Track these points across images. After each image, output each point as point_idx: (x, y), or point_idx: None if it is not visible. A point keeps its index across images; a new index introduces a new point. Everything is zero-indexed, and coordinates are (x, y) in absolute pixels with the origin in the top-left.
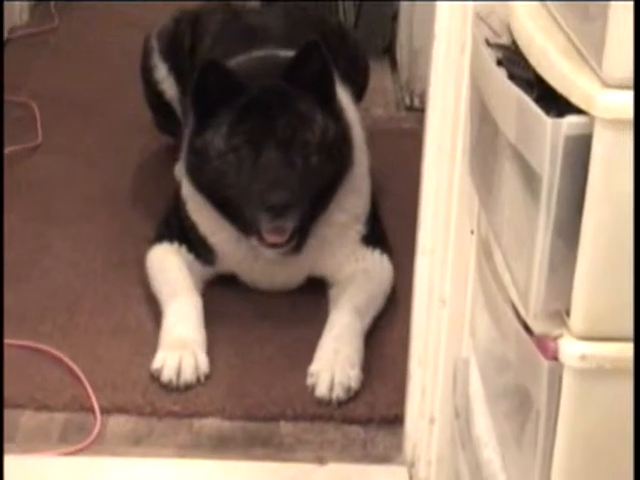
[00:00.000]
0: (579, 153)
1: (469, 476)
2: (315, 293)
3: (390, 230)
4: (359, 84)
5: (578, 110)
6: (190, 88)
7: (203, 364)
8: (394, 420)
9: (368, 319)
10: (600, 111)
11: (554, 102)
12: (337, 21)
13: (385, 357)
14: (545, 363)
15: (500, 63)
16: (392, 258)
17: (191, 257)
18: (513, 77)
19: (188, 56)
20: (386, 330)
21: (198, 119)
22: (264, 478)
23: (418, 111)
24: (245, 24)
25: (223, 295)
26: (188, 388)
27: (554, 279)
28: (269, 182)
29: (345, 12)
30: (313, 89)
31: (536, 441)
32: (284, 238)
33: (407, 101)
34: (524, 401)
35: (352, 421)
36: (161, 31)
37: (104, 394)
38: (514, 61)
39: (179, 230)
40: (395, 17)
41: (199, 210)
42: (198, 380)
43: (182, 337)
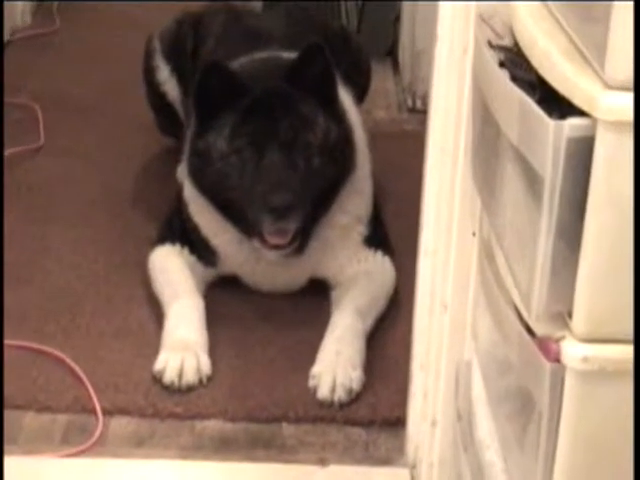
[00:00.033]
0: (581, 155)
1: (471, 478)
2: (317, 295)
3: (392, 232)
4: (361, 86)
5: (580, 112)
6: (192, 90)
7: (205, 366)
8: (396, 422)
9: (370, 321)
10: (602, 113)
11: (556, 104)
12: (339, 23)
13: (387, 359)
14: (547, 365)
15: (502, 65)
16: (394, 260)
17: (193, 259)
18: (515, 79)
19: (190, 58)
20: (388, 332)
21: (200, 121)
22: None
23: (420, 113)
24: (247, 26)
25: (225, 297)
26: (190, 390)
27: (556, 281)
28: (271, 184)
29: (347, 14)
30: (315, 91)
31: (538, 443)
32: (286, 240)
33: (409, 103)
34: (526, 403)
35: (354, 423)
36: (163, 32)
37: (106, 395)
38: (516, 63)
39: (181, 232)
40: (397, 19)
41: (201, 212)
42: (200, 382)
43: (184, 339)
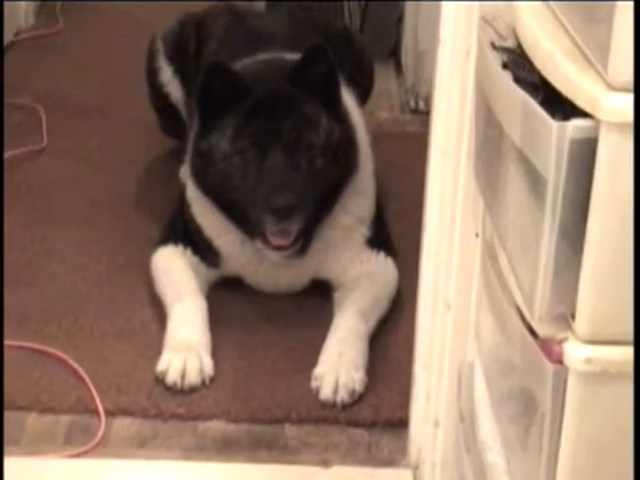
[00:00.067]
0: (584, 156)
1: (474, 479)
2: (320, 296)
3: (395, 233)
4: (364, 87)
5: (584, 113)
6: (195, 91)
7: (208, 367)
8: (399, 423)
9: (373, 322)
10: (605, 114)
11: (559, 105)
12: (342, 24)
13: (390, 360)
14: (550, 366)
15: (505, 66)
16: (397, 261)
17: (196, 260)
18: (518, 80)
19: (193, 59)
20: (391, 333)
21: (203, 122)
22: None
23: (423, 114)
24: (250, 27)
25: (228, 298)
26: (193, 390)
27: (559, 282)
28: (274, 185)
29: (350, 15)
30: (318, 92)
31: (541, 444)
32: (289, 241)
33: (412, 104)
34: (529, 404)
35: (357, 424)
36: (166, 33)
37: (109, 396)
38: (519, 64)
39: (184, 233)
40: (400, 20)
41: (204, 213)
42: (203, 382)
43: (187, 340)
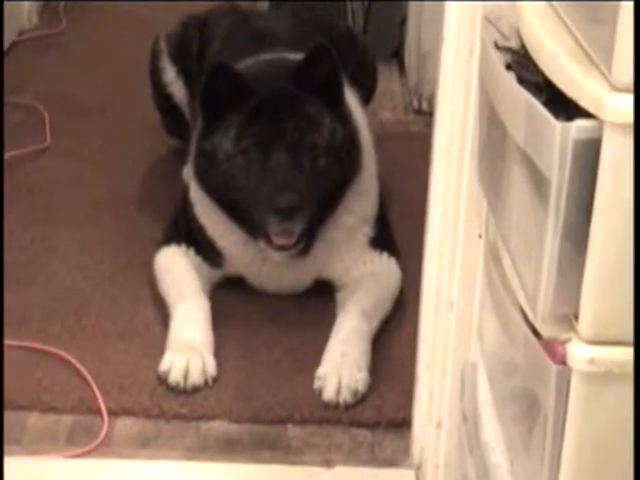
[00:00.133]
0: (588, 157)
1: None
2: (322, 296)
3: (398, 233)
4: (367, 87)
5: (587, 114)
6: (199, 91)
7: (211, 367)
8: (402, 423)
9: (376, 322)
10: (609, 115)
11: (563, 106)
12: (345, 24)
13: (393, 360)
14: (553, 367)
15: (509, 67)
16: (400, 261)
17: (199, 260)
18: (522, 81)
19: (196, 59)
20: (394, 333)
21: (206, 122)
22: None
23: (426, 115)
24: (253, 27)
25: (231, 298)
26: (195, 391)
27: (562, 283)
28: (277, 185)
29: (353, 15)
30: (321, 92)
31: (544, 445)
32: (292, 241)
33: (415, 104)
34: (532, 405)
35: (360, 424)
36: (169, 34)
37: (111, 396)
38: (523, 65)
39: (187, 233)
40: (404, 21)
41: (207, 213)
42: (206, 383)
43: (190, 340)
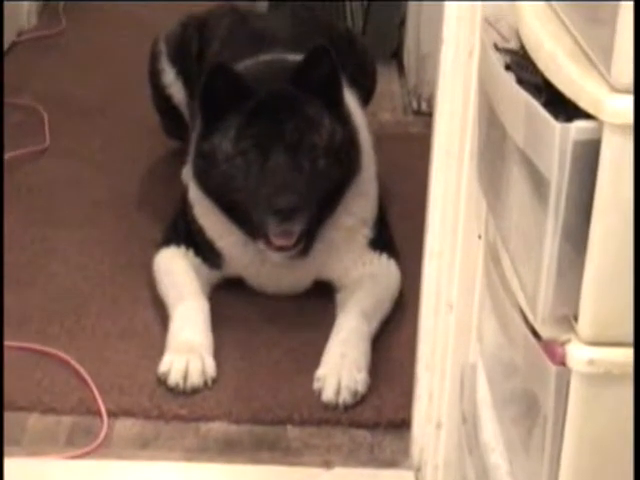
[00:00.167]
0: (587, 158)
1: None
2: (322, 297)
3: (397, 234)
4: (367, 88)
5: (587, 115)
6: (198, 92)
7: (210, 368)
8: (401, 424)
9: (375, 323)
10: (608, 116)
11: (562, 107)
12: (345, 25)
13: (392, 361)
14: (553, 368)
15: (508, 68)
16: (399, 262)
17: (198, 261)
18: (521, 81)
19: (196, 60)
20: (393, 334)
21: (206, 123)
22: None
23: (426, 115)
24: (253, 28)
25: (230, 299)
26: (195, 392)
27: (562, 284)
28: (277, 186)
29: (353, 16)
30: (321, 93)
31: (543, 446)
32: (291, 241)
33: (414, 105)
34: (531, 406)
35: (359, 425)
36: (169, 35)
37: (111, 397)
38: (522, 65)
39: (186, 234)
40: (403, 22)
41: (206, 214)
42: (205, 384)
43: (189, 341)
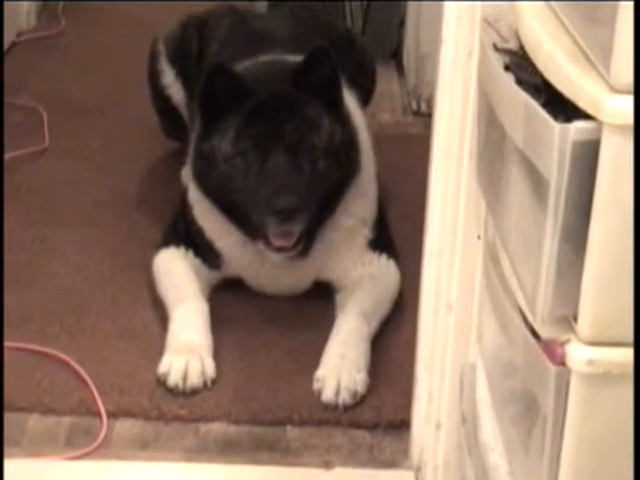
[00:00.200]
0: (587, 158)
1: None
2: (321, 298)
3: (397, 234)
4: (366, 89)
5: (586, 115)
6: (197, 92)
7: (209, 368)
8: (401, 425)
9: (375, 323)
10: (608, 116)
11: (562, 107)
12: (344, 26)
13: (392, 361)
14: (552, 368)
15: (508, 68)
16: (399, 262)
17: (197, 261)
18: (521, 82)
19: (195, 61)
20: (393, 334)
21: (205, 123)
22: None
23: (425, 116)
24: (252, 28)
25: (229, 299)
26: (194, 392)
27: (561, 284)
28: (276, 186)
29: (352, 17)
30: (320, 94)
31: (543, 446)
32: (291, 242)
33: (414, 106)
34: (531, 406)
35: (359, 426)
36: (168, 36)
37: (111, 398)
38: (522, 66)
39: (186, 234)
40: (402, 22)
41: (206, 214)
42: (205, 384)
43: (189, 341)
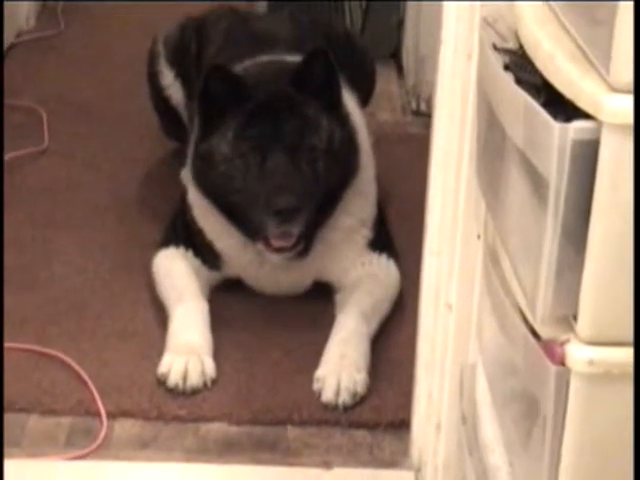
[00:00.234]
0: (586, 158)
1: None
2: (321, 298)
3: (396, 234)
4: (365, 89)
5: (586, 115)
6: (196, 93)
7: (209, 369)
8: (401, 425)
9: (374, 323)
10: (607, 116)
11: (561, 107)
12: (344, 26)
13: (392, 361)
14: (552, 368)
15: (507, 68)
16: (399, 262)
17: (197, 262)
18: (520, 82)
19: (194, 62)
20: (393, 334)
21: (204, 124)
22: None
23: (425, 116)
24: (251, 29)
25: (229, 300)
26: (194, 392)
27: (561, 284)
28: (276, 187)
29: (352, 17)
30: (319, 94)
31: (543, 446)
32: (290, 243)
33: (413, 106)
34: (531, 406)
35: (359, 426)
36: (167, 37)
37: (110, 398)
38: (521, 66)
39: (185, 235)
40: (402, 22)
41: (205, 215)
42: (204, 384)
43: (188, 342)
